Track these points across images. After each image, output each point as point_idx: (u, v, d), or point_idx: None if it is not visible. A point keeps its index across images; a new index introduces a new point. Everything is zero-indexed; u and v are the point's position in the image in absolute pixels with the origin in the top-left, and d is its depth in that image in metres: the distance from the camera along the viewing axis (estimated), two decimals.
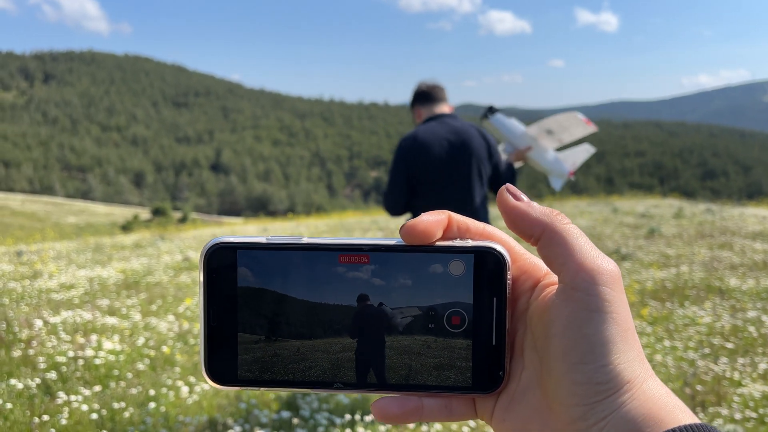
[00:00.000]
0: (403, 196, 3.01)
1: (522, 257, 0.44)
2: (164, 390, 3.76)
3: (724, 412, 3.27)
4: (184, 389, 3.74)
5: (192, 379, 3.97)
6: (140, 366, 4.22)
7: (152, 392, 3.69)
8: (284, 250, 0.43)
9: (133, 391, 3.74)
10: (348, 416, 3.26)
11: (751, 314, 5.29)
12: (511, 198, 0.41)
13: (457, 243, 0.42)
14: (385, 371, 0.43)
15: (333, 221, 18.18)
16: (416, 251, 0.42)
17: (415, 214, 3.07)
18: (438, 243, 0.42)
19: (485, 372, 0.42)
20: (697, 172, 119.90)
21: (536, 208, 0.40)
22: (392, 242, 0.43)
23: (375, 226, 14.44)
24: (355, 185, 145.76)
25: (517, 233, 0.41)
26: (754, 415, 3.24)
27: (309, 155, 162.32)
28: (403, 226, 0.42)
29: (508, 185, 0.42)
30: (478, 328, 0.42)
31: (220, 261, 0.43)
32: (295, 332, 0.43)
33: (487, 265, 0.42)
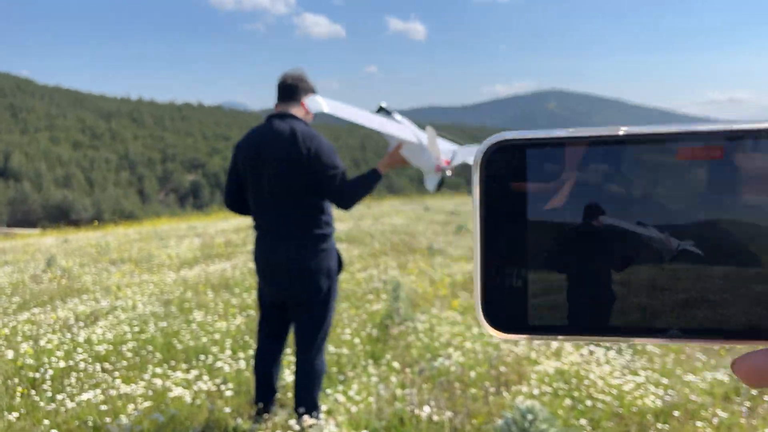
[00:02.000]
0: (231, 192, 3.01)
1: None
2: None
3: (524, 389, 3.61)
4: None
5: None
6: None
7: None
8: (594, 146, 0.31)
9: None
10: None
11: None
12: None
13: None
14: (737, 312, 0.31)
15: (145, 229, 17.09)
16: None
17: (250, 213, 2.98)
18: None
19: None
20: None
21: None
22: (760, 126, 0.30)
23: (192, 233, 13.85)
24: (170, 189, 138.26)
25: None
26: (549, 389, 3.62)
27: (116, 158, 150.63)
28: None
29: None
30: None
31: (504, 165, 0.32)
32: (610, 263, 0.32)
33: None
